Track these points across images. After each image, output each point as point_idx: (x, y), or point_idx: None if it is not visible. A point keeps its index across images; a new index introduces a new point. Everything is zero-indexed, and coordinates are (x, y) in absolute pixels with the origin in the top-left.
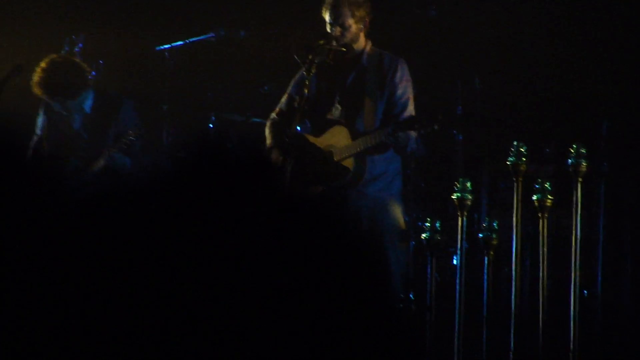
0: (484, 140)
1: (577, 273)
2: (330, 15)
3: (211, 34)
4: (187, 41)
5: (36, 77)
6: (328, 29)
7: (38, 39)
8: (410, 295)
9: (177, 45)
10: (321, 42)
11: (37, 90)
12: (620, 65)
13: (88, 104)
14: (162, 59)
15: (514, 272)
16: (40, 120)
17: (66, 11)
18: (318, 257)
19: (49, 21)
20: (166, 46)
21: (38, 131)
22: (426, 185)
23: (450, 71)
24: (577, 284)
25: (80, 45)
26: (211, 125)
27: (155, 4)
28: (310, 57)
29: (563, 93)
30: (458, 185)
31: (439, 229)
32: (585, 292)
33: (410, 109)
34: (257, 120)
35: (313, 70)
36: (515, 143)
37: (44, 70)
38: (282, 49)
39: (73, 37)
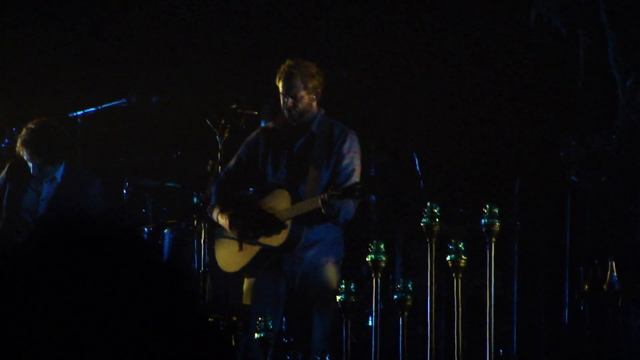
0: (397, 201)
1: (492, 332)
2: (283, 86)
3: (123, 100)
4: (100, 107)
5: (23, 137)
6: (281, 99)
7: None
8: (327, 358)
9: (89, 111)
10: (234, 106)
11: (21, 149)
12: (532, 126)
13: (59, 173)
14: (74, 125)
15: (429, 333)
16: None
17: None
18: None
19: None
20: (79, 112)
21: None
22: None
23: (364, 133)
24: (492, 343)
25: None
26: (125, 191)
27: (67, 70)
28: (222, 121)
29: (475, 153)
30: (372, 247)
31: (353, 290)
32: (501, 351)
33: (355, 180)
34: (171, 184)
35: (226, 135)
36: (428, 204)
37: (32, 131)
38: (195, 114)
39: None
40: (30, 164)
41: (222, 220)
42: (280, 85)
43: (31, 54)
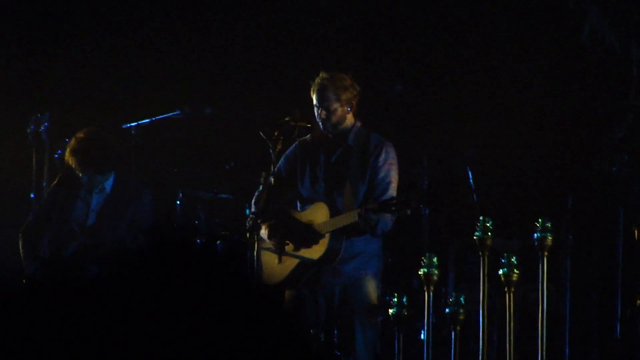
0: (450, 215)
1: (544, 346)
2: (317, 99)
3: (177, 112)
4: (154, 119)
5: (72, 146)
6: (315, 111)
7: (3, 118)
8: None
9: (143, 123)
10: (287, 118)
11: (70, 159)
12: (583, 140)
13: (109, 184)
14: (128, 136)
15: (481, 346)
16: (50, 190)
17: (31, 89)
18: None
19: (14, 99)
20: (132, 124)
21: (45, 198)
22: (393, 261)
23: (417, 146)
24: (545, 357)
25: (46, 124)
26: (178, 202)
27: (121, 81)
28: (276, 133)
29: (528, 167)
30: (425, 260)
31: (406, 304)
32: None
33: (391, 193)
34: (224, 196)
35: (279, 147)
36: (481, 218)
37: (81, 140)
38: (249, 126)
39: (39, 115)
40: (79, 174)
41: (262, 231)
42: (313, 97)
43: (86, 66)
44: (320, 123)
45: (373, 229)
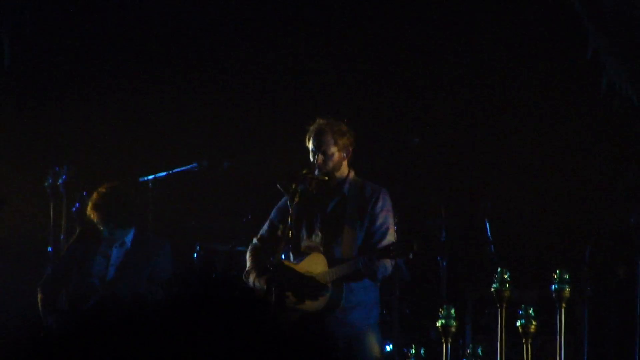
0: (468, 266)
1: None
2: (314, 143)
3: (194, 165)
4: (171, 172)
5: (94, 200)
6: (311, 156)
7: (22, 171)
8: None
9: (160, 176)
10: (304, 171)
11: (92, 214)
12: (601, 191)
13: (129, 238)
14: (145, 189)
15: None
16: (71, 246)
17: (49, 143)
18: None
19: (33, 153)
20: (150, 177)
21: (64, 253)
22: (411, 312)
23: (435, 198)
24: None
25: (64, 176)
26: (196, 255)
27: (138, 134)
28: (293, 186)
29: (546, 219)
30: (442, 312)
31: (423, 355)
32: None
33: (390, 239)
34: (241, 248)
35: (296, 199)
36: (499, 269)
37: (103, 195)
38: (265, 178)
39: (57, 168)
40: (100, 228)
41: (259, 285)
42: (310, 142)
43: (104, 119)
44: (316, 169)
45: (374, 275)
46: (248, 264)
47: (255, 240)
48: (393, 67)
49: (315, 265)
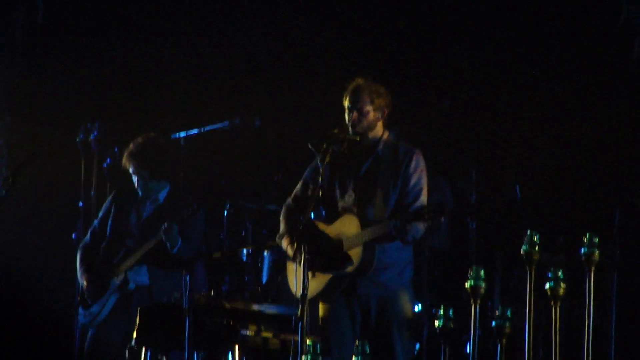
0: (497, 228)
1: None
2: (350, 100)
3: (226, 122)
4: (203, 129)
5: (130, 150)
6: (346, 114)
7: (53, 127)
8: None
9: (192, 133)
10: (336, 130)
11: (128, 161)
12: (633, 154)
13: (163, 195)
14: (177, 146)
15: None
16: (105, 205)
17: (81, 99)
18: None
19: (64, 109)
20: (182, 134)
21: (100, 213)
22: (440, 273)
23: (465, 160)
24: None
25: (95, 132)
26: (226, 213)
27: (171, 91)
28: (324, 145)
29: (576, 182)
30: (471, 273)
31: (452, 316)
32: None
33: (423, 200)
34: (271, 207)
35: (327, 159)
36: (528, 232)
37: (140, 144)
38: (297, 137)
39: (88, 124)
40: (134, 179)
41: (290, 251)
42: (346, 100)
43: (136, 75)
44: (350, 126)
45: (405, 237)
46: (281, 226)
47: (289, 200)
48: (428, 30)
49: (347, 226)
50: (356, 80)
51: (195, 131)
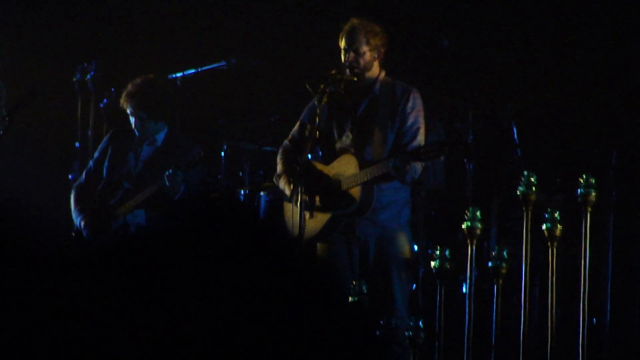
0: (494, 169)
1: (586, 302)
2: (346, 41)
3: (223, 62)
4: (200, 69)
5: (128, 90)
6: (342, 55)
7: (50, 66)
8: (420, 324)
9: (189, 73)
10: (333, 71)
11: (125, 102)
12: (631, 95)
13: (161, 136)
14: (174, 86)
15: (523, 301)
16: (102, 146)
17: (78, 39)
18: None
19: (61, 48)
20: (178, 74)
21: (96, 154)
22: (436, 214)
23: (462, 101)
24: (586, 312)
25: (92, 72)
26: (223, 154)
27: (167, 32)
28: (322, 86)
29: (572, 123)
30: (468, 214)
31: (448, 257)
32: (594, 320)
33: (420, 139)
34: (268, 148)
35: (325, 100)
36: (525, 172)
37: (138, 85)
38: (294, 78)
39: (85, 64)
40: (132, 120)
41: (288, 191)
42: (342, 41)
43: (133, 15)
44: (347, 67)
45: (404, 177)
46: (278, 166)
47: (286, 142)
48: None
49: (346, 166)
50: (351, 21)
51: (192, 71)
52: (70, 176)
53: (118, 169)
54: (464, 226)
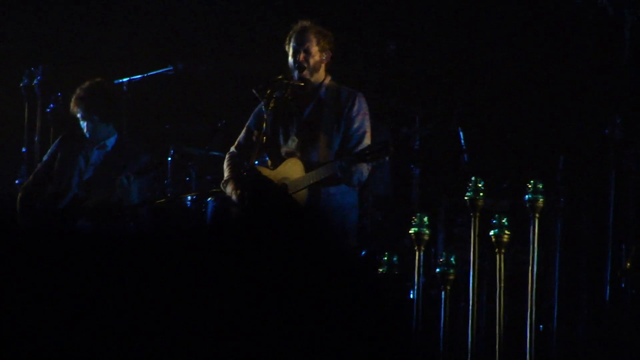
0: (441, 175)
1: (533, 308)
2: (296, 40)
3: (170, 68)
4: (146, 74)
5: (78, 94)
6: (291, 56)
7: None
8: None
9: (135, 78)
10: (280, 76)
11: (75, 107)
12: (577, 102)
13: (111, 141)
14: (120, 91)
15: (470, 307)
16: (52, 149)
17: (24, 43)
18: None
19: (7, 53)
20: (125, 79)
21: (45, 157)
22: (384, 220)
23: (409, 106)
24: (533, 318)
25: (39, 77)
26: (170, 159)
27: (115, 36)
28: (268, 91)
29: (520, 128)
30: (415, 220)
31: (396, 263)
32: (541, 327)
33: (366, 142)
34: (215, 153)
35: (271, 105)
36: (472, 178)
37: (87, 88)
38: (241, 83)
39: (32, 69)
40: (83, 124)
41: (235, 197)
42: (292, 41)
43: (80, 20)
44: (296, 69)
45: (350, 179)
46: (225, 173)
47: (232, 149)
48: None
49: (292, 170)
50: (301, 22)
51: (138, 76)
52: (17, 181)
53: (67, 172)
54: (411, 232)
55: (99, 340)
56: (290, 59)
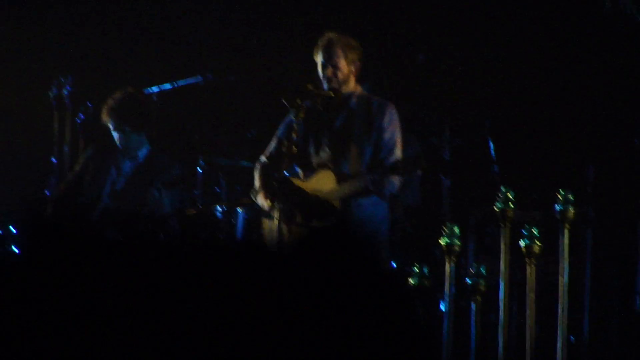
0: (471, 185)
1: (565, 319)
2: (323, 55)
3: (199, 78)
4: (175, 84)
5: (109, 104)
6: (320, 70)
7: (26, 81)
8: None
9: (165, 88)
10: (310, 86)
11: (107, 118)
12: (606, 111)
13: (143, 152)
14: (151, 101)
15: (501, 318)
16: (83, 160)
17: (55, 52)
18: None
19: (37, 63)
20: (154, 89)
21: (77, 167)
22: (414, 230)
23: (438, 117)
24: (565, 330)
25: (69, 87)
26: (199, 169)
27: (144, 46)
28: (298, 101)
29: (550, 138)
30: (446, 231)
31: (426, 274)
32: (572, 338)
33: (397, 154)
34: (245, 164)
35: (301, 115)
36: (502, 189)
37: (118, 99)
38: (271, 93)
39: (61, 79)
40: (115, 135)
41: (266, 207)
42: (319, 56)
43: (111, 30)
44: (325, 82)
45: (382, 191)
46: (256, 182)
47: (263, 158)
48: None
49: (323, 182)
50: (327, 35)
51: (168, 86)
52: (47, 192)
53: (99, 183)
54: (442, 242)
55: (126, 353)
56: (320, 72)
